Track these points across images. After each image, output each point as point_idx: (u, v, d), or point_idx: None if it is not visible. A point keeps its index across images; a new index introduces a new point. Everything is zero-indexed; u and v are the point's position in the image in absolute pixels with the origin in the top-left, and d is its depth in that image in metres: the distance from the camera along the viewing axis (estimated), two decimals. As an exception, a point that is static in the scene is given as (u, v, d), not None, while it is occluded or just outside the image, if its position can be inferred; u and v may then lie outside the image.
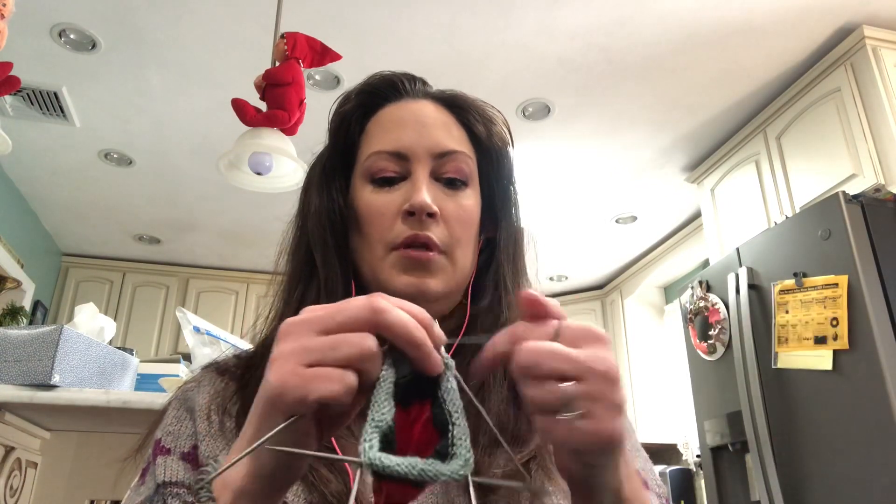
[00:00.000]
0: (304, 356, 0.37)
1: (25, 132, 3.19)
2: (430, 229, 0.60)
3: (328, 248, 0.64)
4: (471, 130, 0.67)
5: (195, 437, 0.57)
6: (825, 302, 2.03)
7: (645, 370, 4.49)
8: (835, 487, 1.96)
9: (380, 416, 0.36)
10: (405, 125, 0.64)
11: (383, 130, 0.65)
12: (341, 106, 0.69)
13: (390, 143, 0.63)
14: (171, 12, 2.46)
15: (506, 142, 0.69)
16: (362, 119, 0.68)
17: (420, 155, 0.63)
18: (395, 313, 0.38)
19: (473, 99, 0.69)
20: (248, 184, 1.98)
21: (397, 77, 0.69)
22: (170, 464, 0.55)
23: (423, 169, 0.62)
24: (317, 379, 0.36)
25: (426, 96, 0.68)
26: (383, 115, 0.66)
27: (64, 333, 1.33)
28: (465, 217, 0.63)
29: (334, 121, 0.69)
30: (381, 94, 0.68)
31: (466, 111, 0.67)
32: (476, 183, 0.67)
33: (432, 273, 0.60)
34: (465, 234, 0.63)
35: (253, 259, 4.68)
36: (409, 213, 0.60)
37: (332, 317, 0.39)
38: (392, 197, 0.62)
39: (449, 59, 2.69)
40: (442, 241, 0.61)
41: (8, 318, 3.38)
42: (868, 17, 2.45)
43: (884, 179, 2.31)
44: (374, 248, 0.62)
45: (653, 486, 0.60)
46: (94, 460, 1.64)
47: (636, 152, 3.35)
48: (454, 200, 0.63)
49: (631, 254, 4.52)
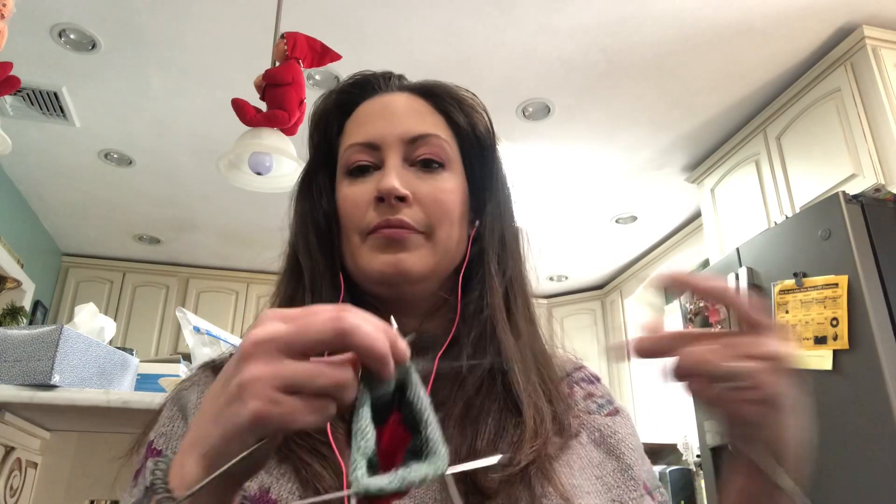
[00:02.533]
0: (282, 383, 0.36)
1: (25, 132, 3.19)
2: (401, 212, 0.60)
3: (312, 248, 0.64)
4: (449, 117, 0.67)
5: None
6: (825, 302, 2.03)
7: (645, 370, 4.48)
8: (835, 487, 1.96)
9: (364, 444, 0.37)
10: (377, 116, 0.65)
11: (357, 125, 0.66)
12: (318, 106, 0.70)
13: (362, 135, 0.64)
14: (171, 12, 2.46)
15: (488, 129, 0.68)
16: (341, 118, 0.68)
17: (390, 142, 0.63)
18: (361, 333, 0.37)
19: (451, 87, 0.69)
20: (248, 184, 1.98)
21: (374, 75, 0.69)
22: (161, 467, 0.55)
23: (394, 155, 0.62)
24: (299, 410, 0.36)
25: (402, 89, 0.68)
26: (359, 111, 0.67)
27: (64, 333, 1.33)
28: (443, 198, 0.62)
29: (312, 121, 0.70)
30: (358, 92, 0.68)
31: (442, 98, 0.67)
32: (458, 167, 0.66)
33: (408, 249, 0.60)
34: (445, 216, 0.62)
35: (253, 259, 4.68)
36: (380, 199, 0.60)
37: (298, 338, 0.37)
38: (365, 187, 0.62)
39: (449, 59, 2.69)
40: (417, 221, 0.60)
41: (8, 318, 3.38)
42: (868, 17, 2.45)
43: (884, 179, 2.31)
44: (351, 237, 0.62)
45: (656, 495, 0.60)
46: (94, 460, 1.64)
47: (636, 152, 3.35)
48: (429, 183, 0.62)
49: (631, 254, 4.52)
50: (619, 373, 4.61)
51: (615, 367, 4.65)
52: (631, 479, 0.58)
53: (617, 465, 0.58)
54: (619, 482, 0.57)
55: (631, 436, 0.62)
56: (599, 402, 0.64)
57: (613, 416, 0.63)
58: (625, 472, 0.58)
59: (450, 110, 0.67)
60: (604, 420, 0.62)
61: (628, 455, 0.59)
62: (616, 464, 0.58)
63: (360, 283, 0.63)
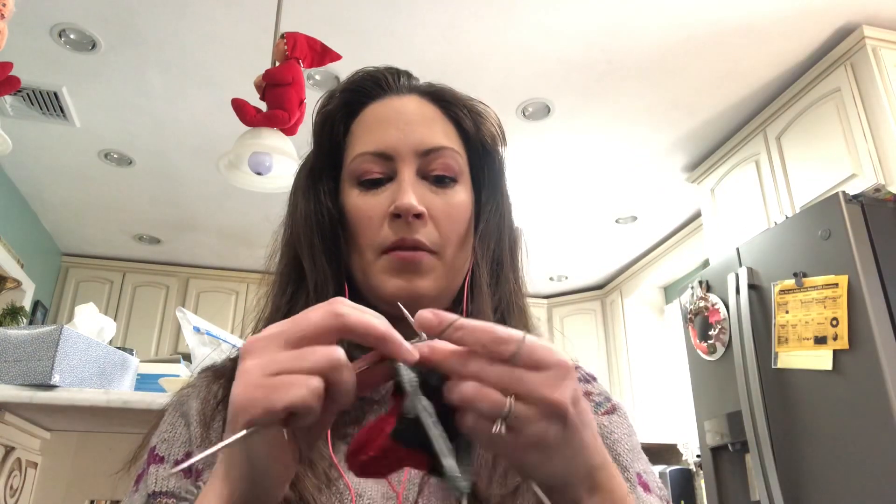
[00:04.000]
0: (269, 368, 0.36)
1: (25, 132, 3.19)
2: (417, 231, 0.59)
3: (316, 252, 0.62)
4: (459, 125, 0.65)
5: (189, 443, 0.57)
6: (825, 302, 2.03)
7: (645, 370, 4.49)
8: (835, 487, 1.96)
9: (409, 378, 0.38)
10: (389, 124, 0.62)
11: (367, 130, 0.63)
12: (324, 105, 0.67)
13: (374, 144, 0.62)
14: (171, 13, 2.46)
15: (496, 139, 0.67)
16: (347, 118, 0.66)
17: (404, 154, 0.61)
18: (354, 315, 0.38)
19: (462, 94, 0.67)
20: (248, 184, 1.98)
21: (380, 73, 0.67)
22: (161, 474, 0.55)
23: (408, 168, 0.60)
24: (281, 387, 0.35)
25: (411, 91, 0.66)
26: (367, 114, 0.65)
27: (64, 333, 1.33)
28: (455, 215, 0.61)
29: (317, 121, 0.67)
30: (365, 92, 0.66)
31: (454, 105, 0.66)
32: (467, 178, 0.65)
33: (422, 274, 0.59)
34: (456, 232, 0.61)
35: (253, 259, 4.68)
36: (396, 216, 0.59)
37: (294, 330, 0.38)
38: (379, 200, 0.60)
39: (449, 59, 2.69)
40: (431, 241, 0.59)
41: (8, 318, 3.37)
42: (868, 17, 2.45)
43: (884, 179, 2.31)
44: (363, 252, 0.61)
45: (654, 489, 0.59)
46: (94, 460, 1.64)
47: (636, 152, 3.35)
48: (443, 198, 0.61)
49: (631, 254, 4.52)
50: (619, 373, 4.61)
51: (615, 368, 4.65)
52: (626, 482, 0.57)
53: None
54: None
55: (627, 436, 0.61)
56: (597, 399, 0.64)
57: (610, 415, 0.63)
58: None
59: (460, 118, 0.65)
60: (601, 419, 0.62)
61: (623, 456, 0.59)
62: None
63: (366, 296, 0.62)
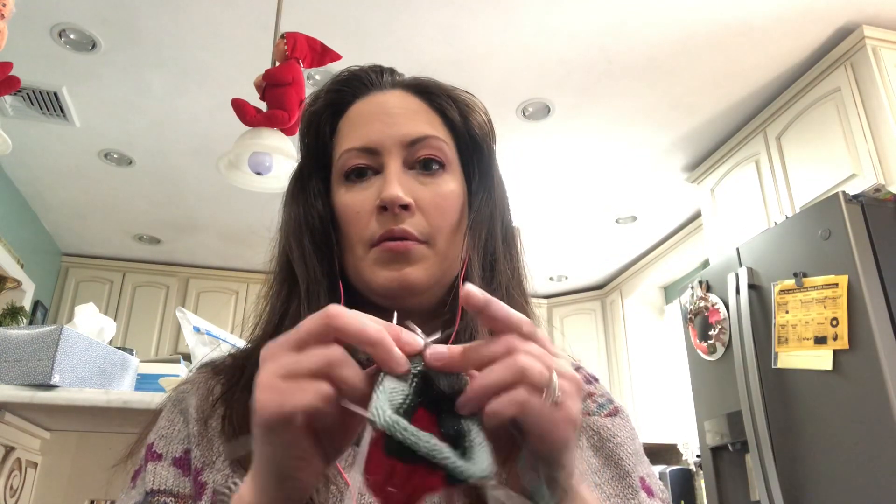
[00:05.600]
0: (278, 371, 0.37)
1: (25, 132, 3.19)
2: (405, 222, 0.58)
3: (307, 253, 0.62)
4: (445, 115, 0.65)
5: (188, 440, 0.56)
6: (825, 302, 2.03)
7: (645, 370, 4.49)
8: (835, 487, 1.96)
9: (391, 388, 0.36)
10: (373, 119, 0.62)
11: (352, 127, 0.63)
12: (310, 106, 0.67)
13: (359, 140, 0.62)
14: (171, 12, 2.46)
15: (484, 128, 0.67)
16: (333, 118, 0.66)
17: (389, 146, 0.61)
18: (346, 316, 0.38)
19: (447, 85, 0.67)
20: (248, 184, 1.98)
21: (364, 71, 0.67)
22: (159, 471, 0.54)
23: (394, 160, 0.60)
24: (289, 391, 0.36)
25: (395, 86, 0.66)
26: (352, 111, 0.65)
27: (64, 333, 1.33)
28: (444, 204, 0.61)
29: (303, 122, 0.67)
30: (350, 91, 0.66)
31: (437, 96, 0.65)
32: (456, 168, 0.64)
33: (412, 263, 0.58)
34: (446, 221, 0.61)
35: (253, 259, 4.68)
36: (383, 208, 0.58)
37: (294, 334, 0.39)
38: (366, 195, 0.60)
39: (449, 59, 2.69)
40: (420, 231, 0.59)
41: (8, 318, 3.37)
42: (868, 17, 2.45)
43: (884, 179, 2.31)
44: (354, 248, 0.60)
45: (657, 492, 0.59)
46: (94, 460, 1.64)
47: (636, 152, 3.35)
48: (431, 188, 0.61)
49: (631, 254, 4.52)
50: (619, 373, 4.60)
51: (616, 368, 4.65)
52: (629, 487, 0.58)
53: (615, 472, 0.58)
54: (617, 490, 0.57)
55: (630, 440, 0.61)
56: (599, 401, 0.64)
57: (613, 417, 0.63)
58: (622, 480, 0.58)
59: (445, 108, 0.65)
60: (603, 422, 0.61)
61: (626, 460, 0.59)
62: (614, 470, 0.58)
63: (361, 292, 0.62)
